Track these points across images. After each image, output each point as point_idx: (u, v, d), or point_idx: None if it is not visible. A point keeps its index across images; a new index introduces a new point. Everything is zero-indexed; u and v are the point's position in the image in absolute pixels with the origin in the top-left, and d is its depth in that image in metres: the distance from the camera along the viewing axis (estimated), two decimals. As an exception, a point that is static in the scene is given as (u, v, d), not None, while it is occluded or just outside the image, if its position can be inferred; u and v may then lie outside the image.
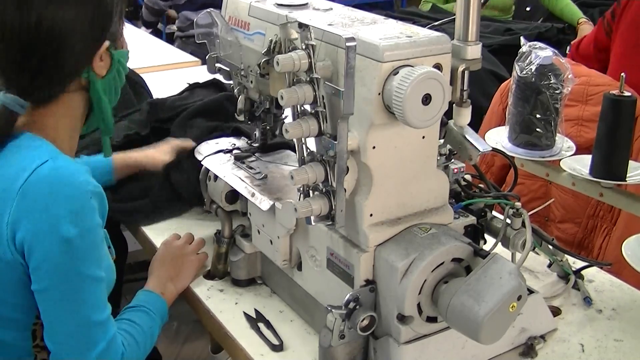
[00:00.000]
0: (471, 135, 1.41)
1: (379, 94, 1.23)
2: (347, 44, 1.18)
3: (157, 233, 1.89)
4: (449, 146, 1.48)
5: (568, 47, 3.33)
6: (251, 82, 1.57)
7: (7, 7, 1.33)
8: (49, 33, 1.35)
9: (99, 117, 1.49)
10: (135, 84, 2.61)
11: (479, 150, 1.39)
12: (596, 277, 1.73)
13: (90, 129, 1.54)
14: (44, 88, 1.40)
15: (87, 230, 1.33)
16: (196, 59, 3.60)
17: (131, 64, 3.04)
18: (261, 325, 1.56)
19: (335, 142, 1.25)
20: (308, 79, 1.27)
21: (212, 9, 1.63)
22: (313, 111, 1.29)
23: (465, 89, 1.35)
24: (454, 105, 1.38)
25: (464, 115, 1.38)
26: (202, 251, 1.76)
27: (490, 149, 1.42)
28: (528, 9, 4.76)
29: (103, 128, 1.51)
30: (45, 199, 1.31)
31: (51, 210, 1.30)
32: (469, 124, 1.42)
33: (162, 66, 3.48)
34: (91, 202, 1.35)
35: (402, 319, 1.32)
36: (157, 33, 5.05)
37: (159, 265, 1.69)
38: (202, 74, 3.28)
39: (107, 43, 1.43)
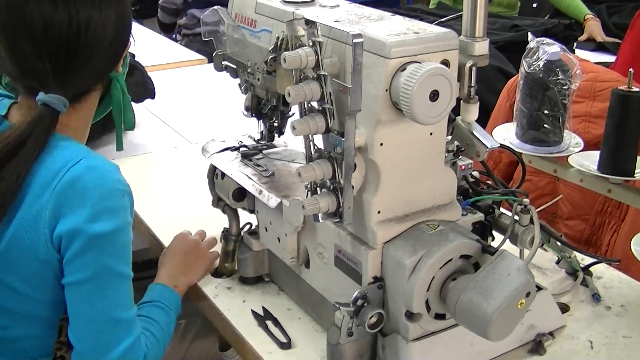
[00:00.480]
0: (479, 132, 1.41)
1: (387, 90, 1.22)
2: (354, 40, 1.17)
3: (165, 232, 1.89)
4: (456, 142, 1.48)
5: (575, 43, 3.32)
6: (258, 79, 1.57)
7: (53, 7, 1.33)
8: (93, 34, 1.37)
9: (118, 113, 1.54)
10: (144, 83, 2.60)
11: (487, 147, 1.39)
12: (604, 274, 1.72)
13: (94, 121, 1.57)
14: (80, 88, 1.42)
15: (120, 228, 1.35)
16: (202, 57, 3.61)
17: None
18: (269, 323, 1.56)
19: (343, 139, 1.25)
20: (315, 75, 1.26)
21: (218, 6, 1.62)
22: (320, 108, 1.28)
23: (472, 85, 1.35)
24: (461, 101, 1.38)
25: (472, 112, 1.38)
26: (213, 250, 1.75)
27: (498, 145, 1.42)
28: (534, 5, 4.75)
29: (123, 122, 1.56)
30: (81, 195, 1.32)
31: (87, 207, 1.31)
32: (476, 121, 1.42)
33: (168, 64, 3.49)
34: (124, 200, 1.36)
35: (410, 316, 1.32)
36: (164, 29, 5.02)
37: (171, 258, 1.68)
38: (208, 72, 3.29)
39: (130, 42, 1.48)
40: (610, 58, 3.58)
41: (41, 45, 1.35)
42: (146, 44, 3.79)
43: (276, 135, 1.75)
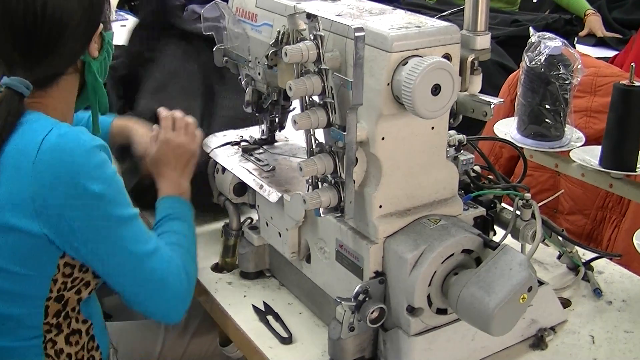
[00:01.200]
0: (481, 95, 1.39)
1: (388, 84, 1.22)
2: (356, 34, 1.17)
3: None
4: (458, 137, 1.48)
5: (576, 38, 3.32)
6: (259, 73, 1.56)
7: None
8: (52, 18, 1.38)
9: (92, 97, 1.54)
10: None
11: (492, 103, 1.37)
12: (606, 269, 1.72)
13: (81, 108, 1.58)
14: (47, 71, 1.44)
15: (110, 179, 1.38)
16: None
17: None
18: (270, 318, 1.56)
19: (344, 133, 1.24)
20: (316, 69, 1.26)
21: (219, 0, 1.62)
22: (321, 102, 1.28)
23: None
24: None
25: (476, 83, 1.36)
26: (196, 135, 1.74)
27: (502, 101, 1.40)
28: (535, 0, 4.74)
29: (98, 106, 1.56)
30: (62, 165, 1.33)
31: (72, 174, 1.33)
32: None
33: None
34: (102, 154, 1.38)
35: (412, 310, 1.31)
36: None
37: (165, 166, 1.66)
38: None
39: (101, 26, 1.48)
40: (611, 53, 3.58)
41: (2, 31, 1.38)
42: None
43: (277, 130, 1.75)
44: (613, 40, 3.93)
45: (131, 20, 4.40)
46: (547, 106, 1.74)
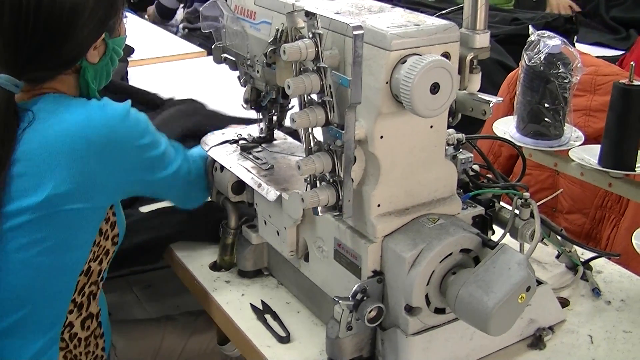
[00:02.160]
0: (480, 94, 1.39)
1: (387, 82, 1.22)
2: (355, 32, 1.17)
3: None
4: (457, 136, 1.47)
5: (575, 37, 3.31)
6: (257, 71, 1.56)
7: None
8: (50, 19, 1.40)
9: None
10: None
11: (491, 101, 1.36)
12: (605, 268, 1.72)
13: None
14: (38, 72, 1.46)
15: (147, 129, 1.51)
16: (202, 50, 3.59)
17: (136, 56, 3.04)
18: (268, 316, 1.56)
19: (343, 132, 1.24)
20: (315, 68, 1.26)
21: (218, -2, 1.62)
22: (320, 100, 1.28)
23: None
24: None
25: (475, 81, 1.36)
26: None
27: (501, 100, 1.40)
28: (534, -1, 4.74)
29: None
30: (116, 137, 1.44)
31: (126, 142, 1.45)
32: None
33: (167, 57, 3.47)
34: (133, 112, 1.48)
35: (410, 310, 1.31)
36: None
37: None
38: (208, 65, 3.28)
39: (103, 35, 1.50)
40: (611, 52, 3.57)
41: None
42: (144, 36, 3.77)
43: (276, 128, 1.75)
44: (611, 40, 3.93)
45: (130, 18, 4.40)
46: (546, 105, 1.74)
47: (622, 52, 3.44)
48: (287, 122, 1.66)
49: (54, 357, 1.50)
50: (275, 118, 1.73)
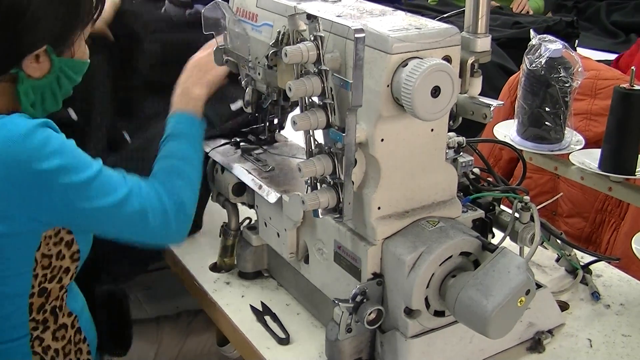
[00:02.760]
0: (481, 98, 1.39)
1: (388, 86, 1.22)
2: (356, 35, 1.17)
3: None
4: (457, 140, 1.47)
5: (577, 41, 3.31)
6: (259, 74, 1.56)
7: None
8: None
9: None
10: None
11: (491, 105, 1.37)
12: (604, 272, 1.72)
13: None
14: None
15: (59, 151, 1.33)
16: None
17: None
18: (268, 318, 1.56)
19: (344, 135, 1.24)
20: (316, 70, 1.26)
21: (220, 0, 1.62)
22: (321, 103, 1.28)
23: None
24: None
25: (476, 85, 1.36)
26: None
27: (502, 103, 1.40)
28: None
29: None
30: (10, 156, 1.30)
31: (23, 162, 1.30)
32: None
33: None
34: (43, 131, 1.33)
35: (410, 312, 1.31)
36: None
37: (181, 78, 1.65)
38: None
39: (44, 47, 1.38)
40: (612, 56, 3.57)
41: None
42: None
43: (277, 130, 1.75)
44: (611, 44, 3.93)
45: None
46: (547, 109, 1.74)
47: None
48: (288, 125, 1.66)
49: None
50: (276, 120, 1.73)
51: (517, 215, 1.46)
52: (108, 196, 1.38)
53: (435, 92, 1.20)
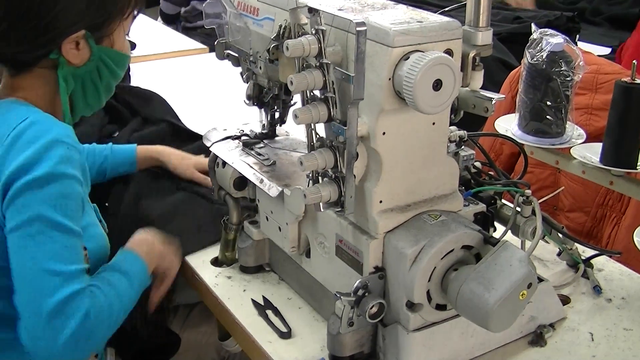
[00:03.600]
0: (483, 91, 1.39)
1: (389, 79, 1.22)
2: (358, 28, 1.17)
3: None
4: (459, 133, 1.47)
5: (577, 35, 3.31)
6: (260, 67, 1.56)
7: None
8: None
9: (64, 105, 1.48)
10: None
11: (493, 99, 1.36)
12: (606, 266, 1.72)
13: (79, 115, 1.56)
14: (12, 56, 1.43)
15: (59, 176, 1.32)
16: (204, 46, 3.59)
17: (138, 52, 3.02)
18: (269, 312, 1.56)
19: (345, 128, 1.24)
20: (318, 64, 1.26)
21: (220, -6, 1.62)
22: (322, 97, 1.28)
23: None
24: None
25: (477, 79, 1.36)
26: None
27: (503, 97, 1.40)
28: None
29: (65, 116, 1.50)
30: (21, 145, 1.32)
31: (25, 154, 1.31)
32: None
33: (169, 53, 3.47)
34: (67, 152, 1.34)
35: (411, 306, 1.31)
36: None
37: (150, 240, 1.56)
38: (210, 61, 3.29)
39: (82, 32, 1.42)
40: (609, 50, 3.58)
41: None
42: (147, 32, 3.77)
43: (278, 124, 1.75)
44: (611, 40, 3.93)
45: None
46: (548, 103, 1.74)
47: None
48: (289, 119, 1.66)
49: None
50: (277, 114, 1.73)
51: (518, 209, 1.46)
52: (58, 262, 1.29)
53: (437, 85, 1.19)
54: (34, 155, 1.31)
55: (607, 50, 3.56)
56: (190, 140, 2.20)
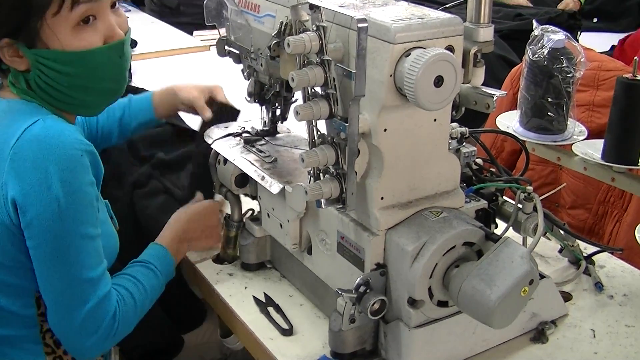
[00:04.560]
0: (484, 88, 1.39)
1: (391, 75, 1.22)
2: (359, 25, 1.17)
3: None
4: (460, 130, 1.47)
5: (579, 32, 3.31)
6: (261, 64, 1.56)
7: None
8: None
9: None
10: None
11: (494, 95, 1.36)
12: (607, 263, 1.72)
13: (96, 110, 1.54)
14: None
15: (77, 189, 1.32)
16: (205, 44, 3.59)
17: (139, 49, 3.02)
18: (271, 309, 1.56)
19: (346, 125, 1.24)
20: (319, 60, 1.26)
21: (221, -9, 1.62)
22: (324, 93, 1.28)
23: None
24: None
25: (478, 75, 1.36)
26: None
27: (505, 93, 1.39)
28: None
29: None
30: (35, 157, 1.30)
31: (41, 169, 1.29)
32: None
33: (170, 51, 3.47)
34: (82, 159, 1.33)
35: (413, 303, 1.31)
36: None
37: (184, 222, 1.64)
38: (211, 59, 3.29)
39: (5, 40, 1.35)
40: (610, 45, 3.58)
41: None
42: (147, 30, 3.77)
43: (279, 121, 1.75)
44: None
45: (133, 12, 4.40)
46: (549, 99, 1.74)
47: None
48: (291, 116, 1.66)
49: None
50: (278, 111, 1.73)
51: (520, 205, 1.46)
52: (83, 268, 1.34)
53: (438, 82, 1.19)
54: (58, 171, 1.30)
55: (607, 47, 3.56)
56: (193, 140, 2.19)
